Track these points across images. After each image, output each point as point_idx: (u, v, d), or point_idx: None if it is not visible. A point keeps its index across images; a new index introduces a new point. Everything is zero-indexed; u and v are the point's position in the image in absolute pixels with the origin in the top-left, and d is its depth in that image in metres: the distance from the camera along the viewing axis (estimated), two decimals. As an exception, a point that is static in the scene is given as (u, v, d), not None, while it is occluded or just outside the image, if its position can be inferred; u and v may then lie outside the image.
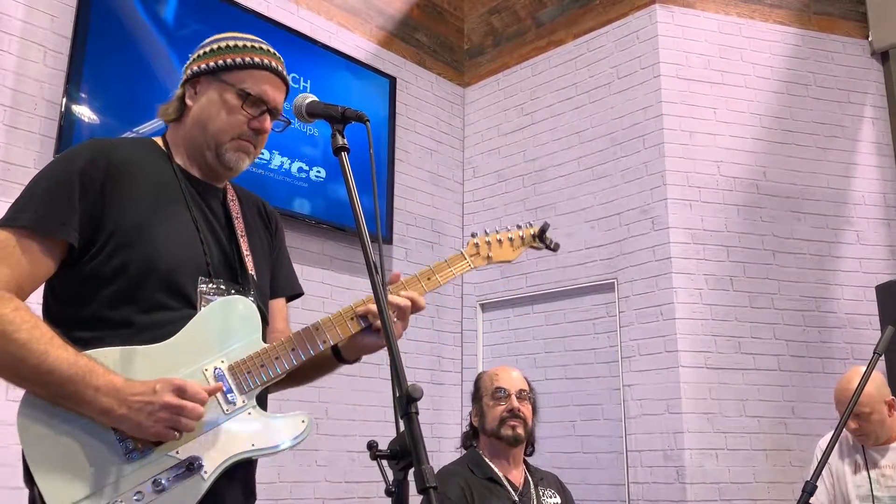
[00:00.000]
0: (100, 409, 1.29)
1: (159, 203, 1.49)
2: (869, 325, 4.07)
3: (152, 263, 1.42)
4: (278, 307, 1.73)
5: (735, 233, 4.10)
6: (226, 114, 1.52)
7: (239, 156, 1.55)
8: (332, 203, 4.22)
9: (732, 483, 3.75)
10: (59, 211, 1.38)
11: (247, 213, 1.67)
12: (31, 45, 3.26)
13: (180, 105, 1.59)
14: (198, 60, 1.58)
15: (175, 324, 1.41)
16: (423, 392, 1.11)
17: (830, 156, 4.37)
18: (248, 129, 1.54)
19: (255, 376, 1.44)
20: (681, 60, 4.30)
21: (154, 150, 1.58)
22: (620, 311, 4.16)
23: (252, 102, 1.53)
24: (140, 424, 1.30)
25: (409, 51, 5.02)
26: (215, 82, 1.54)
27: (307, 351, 1.49)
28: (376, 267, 1.25)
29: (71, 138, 3.22)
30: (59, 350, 1.30)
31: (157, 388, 1.31)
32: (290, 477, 3.78)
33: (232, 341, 1.45)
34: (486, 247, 1.76)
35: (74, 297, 1.42)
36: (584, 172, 4.51)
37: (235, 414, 1.41)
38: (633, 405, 3.99)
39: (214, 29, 3.99)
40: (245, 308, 1.49)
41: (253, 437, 1.41)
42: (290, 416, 1.46)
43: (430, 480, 1.04)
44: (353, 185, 1.30)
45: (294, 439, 1.44)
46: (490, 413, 2.56)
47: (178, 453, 1.34)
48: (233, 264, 1.56)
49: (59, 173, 1.43)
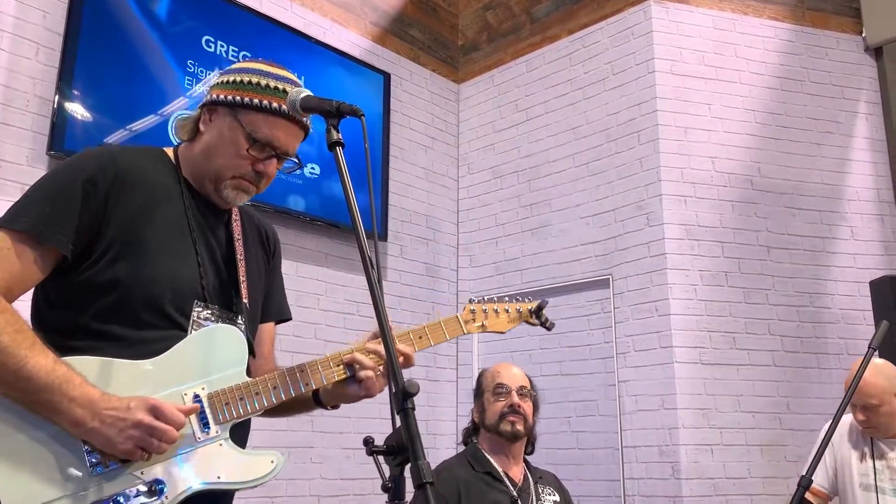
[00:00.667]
0: (72, 419, 1.28)
1: (161, 219, 1.48)
2: (863, 320, 4.08)
3: (145, 281, 1.41)
4: (266, 330, 1.73)
5: (730, 228, 4.10)
6: (232, 152, 1.51)
7: (237, 193, 1.54)
8: (326, 200, 4.21)
9: (727, 478, 3.76)
10: (57, 219, 1.37)
11: (248, 234, 1.66)
12: (23, 41, 3.24)
13: (194, 127, 1.57)
14: (220, 88, 1.55)
15: (161, 343, 1.41)
16: (419, 388, 1.10)
17: (824, 151, 4.37)
18: (252, 171, 1.53)
19: (232, 408, 1.43)
20: (675, 56, 4.30)
21: (163, 163, 1.56)
22: (615, 307, 4.17)
23: (259, 147, 1.51)
24: (110, 440, 1.29)
25: (404, 47, 5.00)
26: (229, 117, 1.51)
27: (288, 391, 1.49)
28: (372, 263, 1.24)
29: (63, 135, 3.21)
30: (38, 357, 1.29)
31: (131, 406, 1.30)
32: (285, 474, 3.77)
33: (216, 370, 1.44)
34: (483, 315, 1.78)
35: (67, 304, 1.41)
36: (578, 168, 4.51)
37: (207, 443, 1.40)
38: (628, 401, 4.00)
39: (208, 27, 4.02)
40: (235, 339, 1.49)
41: (220, 469, 1.39)
42: (261, 455, 1.45)
43: (426, 476, 1.04)
44: (348, 180, 1.30)
45: (259, 478, 1.42)
46: (490, 409, 2.57)
47: (142, 474, 1.33)
48: (228, 290, 1.55)
49: (63, 180, 1.42)
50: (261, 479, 1.42)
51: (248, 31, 4.04)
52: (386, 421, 1.22)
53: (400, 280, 4.63)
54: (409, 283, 4.68)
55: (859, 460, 2.95)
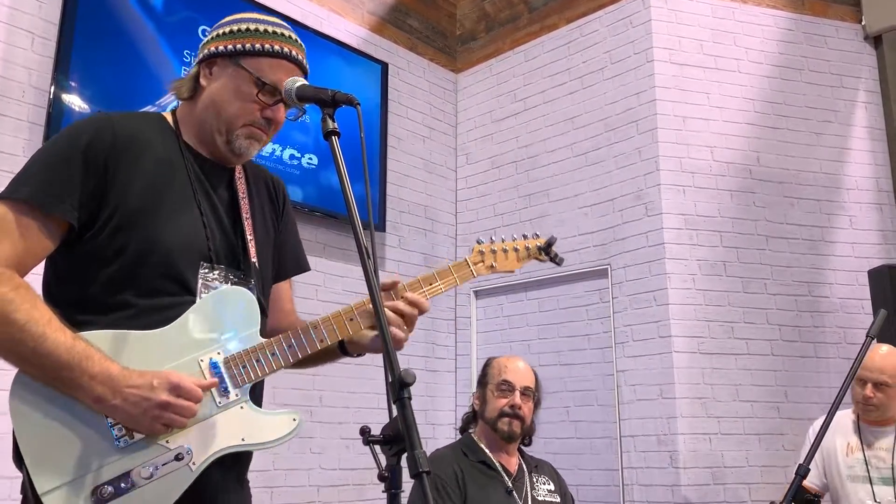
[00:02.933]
0: (93, 396, 1.28)
1: (164, 183, 1.46)
2: (861, 309, 4.09)
3: (153, 246, 1.40)
4: (283, 288, 1.72)
5: (728, 218, 4.10)
6: (240, 100, 1.49)
7: (250, 142, 1.52)
8: (324, 190, 4.20)
9: (726, 467, 3.77)
10: (59, 187, 1.35)
11: (253, 192, 1.64)
12: (19, 31, 3.22)
13: (194, 84, 1.55)
14: (216, 40, 1.53)
15: (174, 309, 1.40)
16: (416, 377, 1.10)
17: (823, 141, 4.36)
18: (261, 117, 1.51)
19: (250, 371, 1.43)
20: (674, 45, 4.28)
21: (162, 126, 1.54)
22: (614, 296, 4.17)
23: (268, 91, 1.50)
24: (134, 418, 1.30)
25: (402, 36, 4.98)
26: (231, 66, 1.50)
27: (304, 349, 1.48)
28: (368, 253, 1.23)
29: (60, 125, 3.19)
30: (56, 333, 1.28)
31: (154, 384, 1.30)
32: (284, 464, 3.78)
33: (229, 333, 1.44)
34: (491, 255, 1.74)
35: (75, 277, 1.40)
36: (577, 158, 4.50)
37: (228, 407, 1.40)
38: (626, 390, 4.00)
39: (204, 16, 3.99)
40: (245, 300, 1.48)
41: (243, 431, 1.40)
42: (282, 414, 1.45)
43: (423, 465, 1.04)
44: (343, 169, 1.29)
45: (284, 437, 1.43)
46: (491, 403, 2.57)
47: (168, 443, 1.34)
48: (236, 250, 1.53)
49: (62, 148, 1.40)
50: (284, 437, 1.43)
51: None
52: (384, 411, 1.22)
53: (398, 270, 4.63)
54: (407, 273, 4.67)
55: (846, 453, 2.98)
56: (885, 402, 2.91)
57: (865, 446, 2.95)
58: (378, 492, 4.17)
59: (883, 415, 2.94)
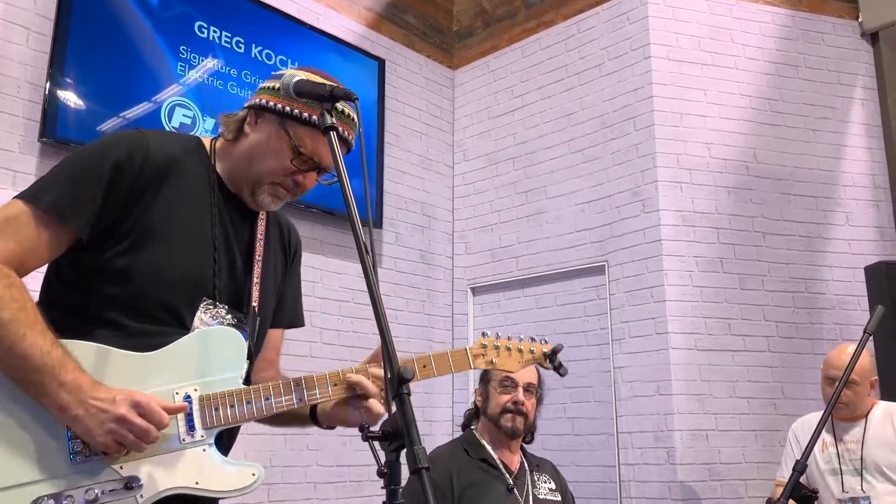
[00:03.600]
0: (58, 404, 1.27)
1: (185, 213, 1.46)
2: (858, 305, 4.09)
3: (158, 273, 1.40)
4: (275, 337, 1.71)
5: (725, 215, 4.10)
6: (275, 161, 1.50)
7: (273, 200, 1.54)
8: (320, 187, 4.17)
9: (722, 463, 3.78)
10: (79, 200, 1.36)
11: (270, 236, 1.64)
12: (14, 26, 3.21)
13: (239, 127, 1.55)
14: (270, 93, 1.52)
15: (164, 337, 1.40)
16: (415, 373, 1.10)
17: (820, 137, 4.37)
18: (291, 180, 1.52)
19: (221, 415, 1.40)
20: (671, 42, 4.28)
21: (197, 154, 1.54)
22: (611, 293, 4.17)
23: (302, 160, 1.51)
24: (89, 430, 1.27)
25: (398, 33, 4.97)
26: (276, 125, 1.50)
27: (280, 405, 1.46)
28: (367, 250, 1.23)
29: (55, 122, 3.18)
30: (36, 336, 1.28)
31: (116, 399, 1.28)
32: (281, 461, 3.78)
33: (212, 373, 1.42)
34: (494, 351, 1.71)
35: (76, 285, 1.40)
36: (574, 155, 4.50)
37: (190, 446, 1.37)
38: (623, 387, 4.01)
39: (200, 12, 3.98)
40: (236, 343, 1.47)
41: (199, 475, 1.37)
42: (243, 466, 1.42)
43: (422, 461, 1.04)
44: (341, 164, 1.29)
45: (239, 489, 1.40)
46: (494, 400, 2.56)
47: (121, 469, 1.31)
48: (240, 292, 1.53)
49: (91, 162, 1.40)
50: (239, 490, 1.39)
51: (242, 16, 4.01)
52: (382, 407, 1.22)
53: (395, 267, 4.62)
54: (404, 270, 4.67)
55: (821, 450, 3.13)
56: (855, 400, 3.05)
57: (838, 441, 3.10)
58: (375, 488, 4.18)
59: (853, 412, 3.09)
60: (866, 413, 3.09)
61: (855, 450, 3.03)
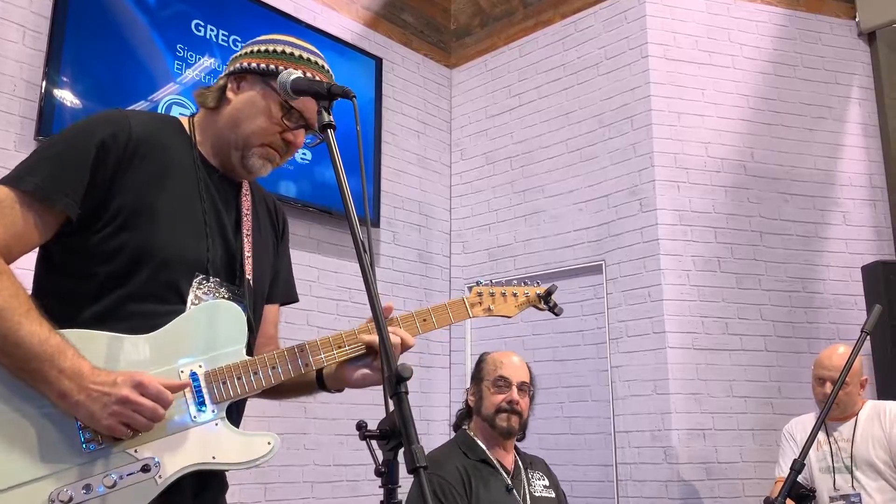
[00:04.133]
0: (59, 391, 1.25)
1: (172, 189, 1.45)
2: (854, 305, 4.10)
3: (150, 251, 1.39)
4: (272, 312, 1.70)
5: (722, 214, 4.10)
6: (264, 119, 1.50)
7: (263, 162, 1.53)
8: (318, 186, 4.19)
9: (719, 463, 3.78)
10: (65, 180, 1.34)
11: (258, 211, 1.64)
12: (10, 24, 3.20)
13: (220, 95, 1.54)
14: (249, 56, 1.54)
15: (163, 317, 1.38)
16: (412, 372, 1.09)
17: (817, 137, 4.37)
18: (280, 139, 1.52)
19: (229, 387, 1.40)
20: (669, 41, 4.28)
21: (178, 132, 1.54)
22: (608, 292, 4.17)
23: (292, 115, 1.50)
24: (94, 415, 1.26)
25: (396, 31, 4.97)
26: (261, 84, 1.51)
27: (287, 372, 1.46)
28: (364, 248, 1.22)
29: (52, 120, 3.17)
30: (33, 324, 1.26)
31: (118, 381, 1.26)
32: (278, 460, 3.77)
33: (215, 347, 1.41)
34: (490, 298, 1.74)
35: (68, 271, 1.39)
36: (571, 154, 4.50)
37: (203, 423, 1.37)
38: (620, 386, 4.01)
39: (197, 10, 3.97)
40: (235, 316, 1.46)
41: (215, 449, 1.37)
42: (257, 436, 1.42)
43: (420, 460, 1.03)
44: (339, 163, 1.28)
45: (256, 459, 1.40)
46: (488, 399, 2.55)
47: (136, 452, 1.30)
48: (233, 265, 1.52)
49: (75, 141, 1.38)
50: (256, 460, 1.40)
51: (238, 14, 4.00)
52: (379, 406, 1.21)
53: (392, 266, 4.62)
54: (401, 269, 4.67)
55: (816, 448, 3.17)
56: (846, 399, 3.10)
57: (831, 440, 3.14)
58: (372, 488, 4.17)
59: (844, 411, 3.14)
60: (857, 412, 3.14)
61: (846, 448, 3.08)
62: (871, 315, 2.37)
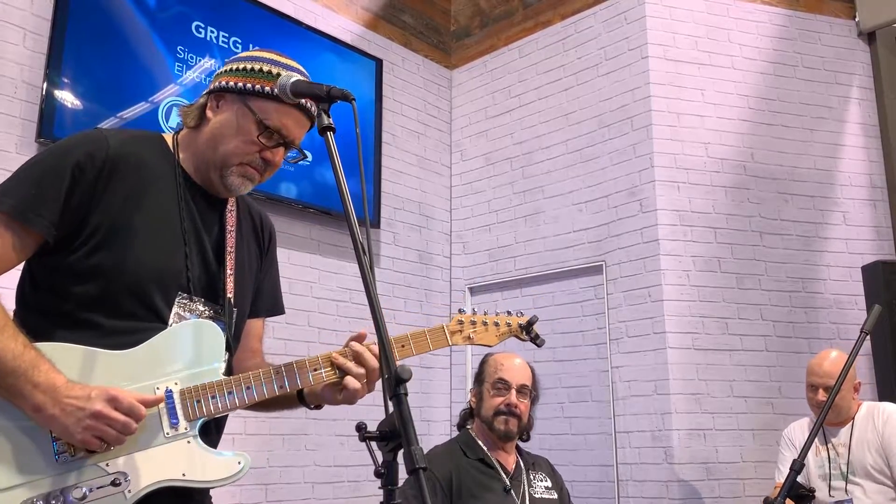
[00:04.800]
0: (33, 405, 1.27)
1: (151, 207, 1.46)
2: (855, 305, 4.10)
3: (128, 268, 1.40)
4: (256, 326, 1.71)
5: (722, 214, 4.11)
6: (240, 139, 1.49)
7: (242, 181, 1.52)
8: (318, 186, 4.19)
9: (720, 463, 3.78)
10: (42, 202, 1.35)
11: (242, 226, 1.64)
12: (10, 26, 3.20)
13: (200, 114, 1.55)
14: (228, 75, 1.53)
15: (141, 334, 1.39)
16: (412, 373, 1.10)
17: (817, 137, 4.37)
18: (259, 158, 1.51)
19: (203, 405, 1.41)
20: (668, 41, 4.28)
21: (159, 149, 1.54)
22: (608, 293, 4.17)
23: (268, 135, 1.50)
24: (67, 429, 1.27)
25: (396, 32, 4.97)
26: (238, 103, 1.50)
27: (262, 393, 1.46)
28: (364, 249, 1.23)
29: (53, 122, 3.18)
30: (7, 340, 1.28)
31: (91, 395, 1.28)
32: (279, 461, 3.78)
33: (192, 366, 1.42)
34: (471, 326, 1.74)
35: (51, 288, 1.40)
36: (571, 155, 4.50)
37: (174, 439, 1.38)
38: (621, 386, 4.01)
39: (197, 12, 3.98)
40: (214, 335, 1.47)
41: (185, 467, 1.37)
42: (228, 455, 1.43)
43: (419, 461, 1.04)
44: (339, 165, 1.28)
45: (224, 479, 1.40)
46: (487, 402, 2.56)
47: (107, 466, 1.32)
48: (215, 284, 1.53)
49: (52, 163, 1.40)
50: (225, 479, 1.40)
51: (239, 16, 4.00)
52: (379, 407, 1.22)
53: (392, 267, 4.62)
54: (401, 270, 4.67)
55: (815, 454, 3.17)
56: (840, 405, 3.09)
57: (828, 445, 3.14)
58: (373, 488, 4.17)
59: (839, 416, 3.13)
60: (853, 416, 3.13)
61: (843, 453, 3.08)
62: (870, 315, 2.38)
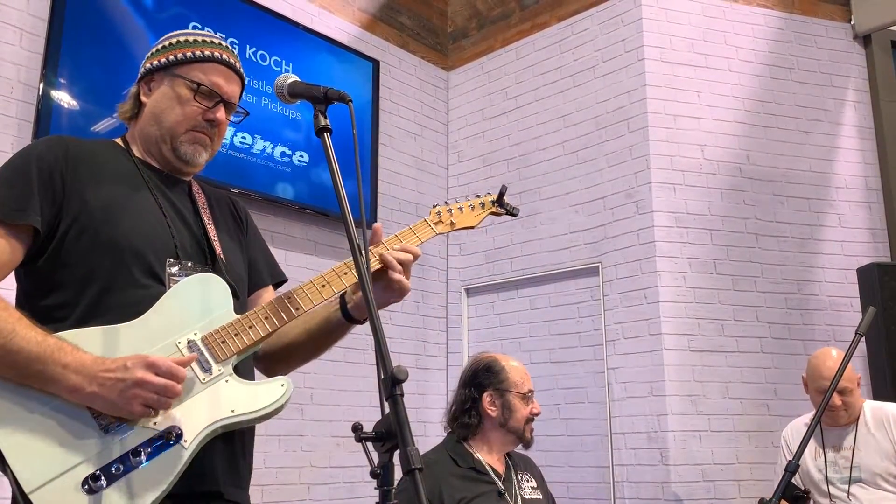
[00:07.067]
0: (68, 386, 1.27)
1: (123, 190, 1.49)
2: (850, 307, 4.11)
3: (120, 243, 1.42)
4: (265, 297, 1.72)
5: (718, 216, 4.12)
6: (179, 106, 1.54)
7: (195, 148, 1.56)
8: (315, 188, 4.19)
9: (716, 464, 3.79)
10: (19, 197, 1.38)
11: (215, 208, 1.66)
12: (7, 26, 3.20)
13: (135, 103, 1.60)
14: (151, 58, 1.61)
15: (146, 302, 1.40)
16: (408, 374, 1.10)
17: (813, 139, 4.39)
18: (203, 120, 1.54)
19: (229, 344, 1.43)
20: (665, 44, 4.29)
21: (113, 148, 1.58)
22: (605, 294, 4.17)
23: (204, 94, 1.55)
24: (113, 403, 1.28)
25: (393, 34, 4.97)
26: (168, 77, 1.56)
27: (281, 318, 1.49)
28: (360, 249, 1.23)
29: (49, 122, 3.17)
30: (26, 330, 1.28)
31: (128, 365, 1.28)
32: (275, 462, 3.77)
33: (205, 315, 1.44)
34: (449, 214, 1.80)
35: (44, 287, 1.41)
36: (568, 157, 4.51)
37: (212, 383, 1.40)
38: (617, 388, 4.01)
39: (194, 12, 3.97)
40: (216, 283, 1.49)
41: (232, 403, 1.40)
42: (270, 381, 1.46)
43: (415, 462, 1.04)
44: (336, 167, 1.29)
45: (274, 402, 1.42)
46: (519, 412, 2.53)
47: (155, 424, 1.32)
48: (202, 246, 1.55)
49: (16, 163, 1.44)
50: (274, 403, 1.42)
51: (236, 17, 4.00)
52: (376, 409, 1.22)
53: (389, 268, 4.61)
54: (398, 271, 4.66)
55: (814, 457, 3.10)
56: (852, 403, 3.03)
57: (829, 449, 3.08)
58: (369, 490, 4.17)
59: (850, 416, 3.07)
60: (857, 416, 3.05)
61: (847, 456, 3.00)
62: (865, 317, 2.38)
